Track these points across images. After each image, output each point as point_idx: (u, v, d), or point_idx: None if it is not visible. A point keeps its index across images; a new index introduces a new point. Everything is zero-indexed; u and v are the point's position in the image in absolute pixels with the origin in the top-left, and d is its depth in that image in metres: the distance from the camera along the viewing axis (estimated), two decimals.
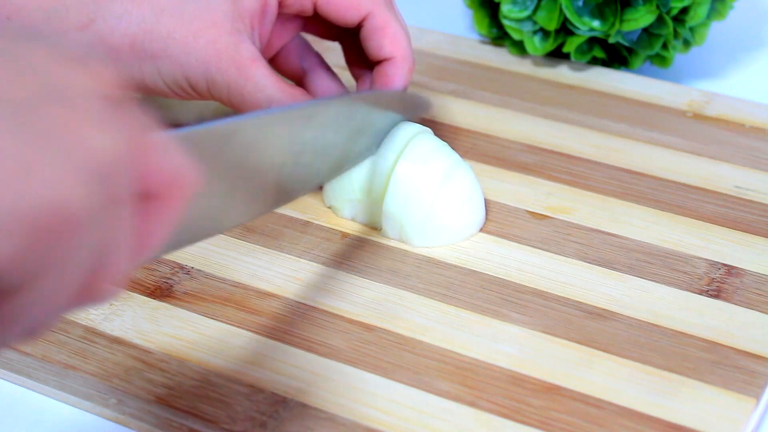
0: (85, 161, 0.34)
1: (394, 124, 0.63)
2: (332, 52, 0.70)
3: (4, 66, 0.34)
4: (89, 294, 0.36)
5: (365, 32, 0.63)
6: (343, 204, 0.64)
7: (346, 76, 0.68)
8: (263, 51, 0.64)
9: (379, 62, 0.63)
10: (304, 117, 0.56)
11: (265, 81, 0.59)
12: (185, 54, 0.59)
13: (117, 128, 0.36)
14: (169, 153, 0.37)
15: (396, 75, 0.63)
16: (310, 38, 0.68)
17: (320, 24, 0.66)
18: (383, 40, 0.62)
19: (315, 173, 0.59)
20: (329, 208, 0.65)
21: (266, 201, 0.55)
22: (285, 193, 0.57)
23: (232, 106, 0.61)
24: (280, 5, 0.62)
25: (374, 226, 0.63)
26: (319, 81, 0.66)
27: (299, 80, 0.66)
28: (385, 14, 0.62)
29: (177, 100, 0.65)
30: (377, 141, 0.62)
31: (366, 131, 0.61)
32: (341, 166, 0.61)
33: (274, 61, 0.66)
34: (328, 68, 0.67)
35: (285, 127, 0.55)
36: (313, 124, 0.57)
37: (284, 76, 0.65)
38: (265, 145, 0.53)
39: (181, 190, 0.38)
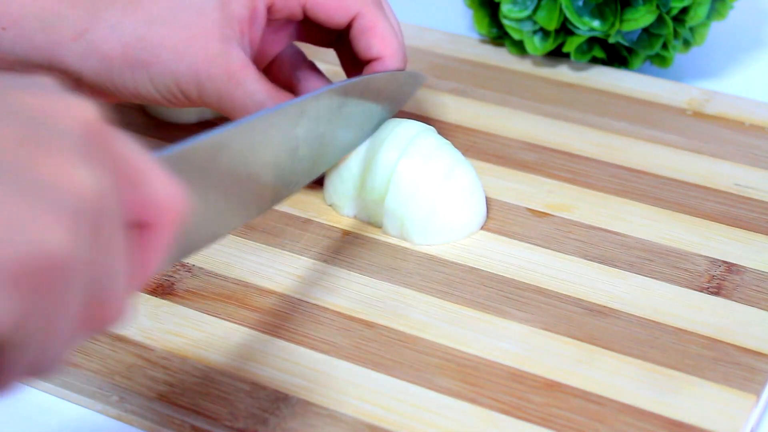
0: (68, 203, 0.34)
1: (389, 107, 0.63)
2: (328, 54, 0.70)
3: None
4: (93, 324, 0.36)
5: (354, 33, 0.63)
6: (344, 202, 0.64)
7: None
8: (256, 59, 0.64)
9: (369, 62, 0.64)
10: (295, 114, 0.56)
11: (255, 87, 0.60)
12: (176, 62, 0.59)
13: (99, 162, 0.35)
14: (156, 180, 0.38)
15: None
16: (305, 47, 0.68)
17: (312, 30, 0.66)
18: (372, 40, 0.63)
19: (312, 165, 0.59)
20: (330, 206, 0.65)
21: (265, 199, 0.56)
22: (284, 189, 0.57)
23: (223, 113, 0.61)
24: (270, 11, 0.62)
25: (375, 224, 0.63)
26: (313, 88, 0.66)
27: (293, 89, 0.66)
28: (373, 14, 0.62)
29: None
30: (372, 125, 0.62)
31: (359, 117, 0.62)
32: (338, 154, 0.61)
33: (268, 71, 0.67)
34: (321, 75, 0.67)
35: (276, 128, 0.55)
36: (304, 120, 0.57)
37: (278, 85, 0.65)
38: (258, 148, 0.53)
39: (171, 215, 0.38)
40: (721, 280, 0.60)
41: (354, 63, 0.66)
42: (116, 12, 0.59)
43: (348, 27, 0.63)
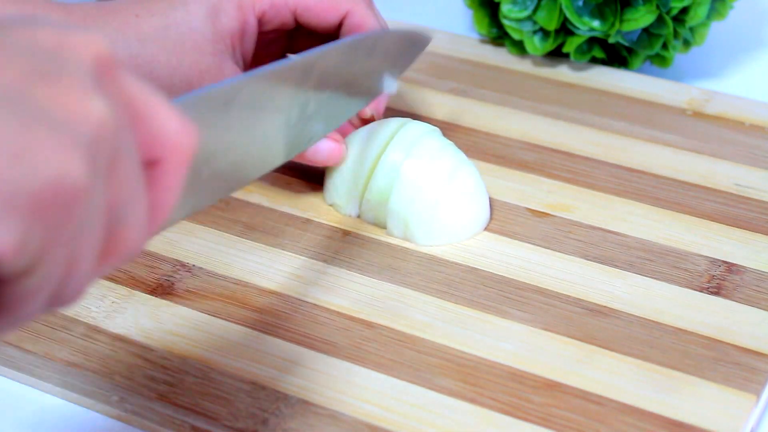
0: (82, 132, 0.34)
1: (395, 67, 0.63)
2: None
3: None
4: (111, 258, 0.37)
5: (345, 31, 0.64)
6: (345, 201, 0.64)
7: None
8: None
9: None
10: (304, 69, 0.56)
11: None
12: (170, 77, 0.61)
13: (109, 94, 0.36)
14: (166, 115, 0.38)
15: None
16: None
17: (303, 40, 0.67)
18: None
19: (324, 125, 0.59)
20: (330, 205, 0.65)
21: (278, 153, 0.55)
22: (296, 145, 0.57)
23: None
24: (261, 23, 0.63)
25: (378, 224, 0.63)
26: None
27: None
28: (363, 12, 0.63)
29: None
30: (379, 86, 0.62)
31: (367, 76, 0.61)
32: (347, 114, 0.61)
33: None
34: None
35: (286, 81, 0.55)
36: (313, 75, 0.57)
37: None
38: (268, 100, 0.53)
39: (181, 150, 0.38)
40: (721, 280, 0.60)
41: None
42: (109, 32, 0.61)
43: (337, 30, 0.64)
